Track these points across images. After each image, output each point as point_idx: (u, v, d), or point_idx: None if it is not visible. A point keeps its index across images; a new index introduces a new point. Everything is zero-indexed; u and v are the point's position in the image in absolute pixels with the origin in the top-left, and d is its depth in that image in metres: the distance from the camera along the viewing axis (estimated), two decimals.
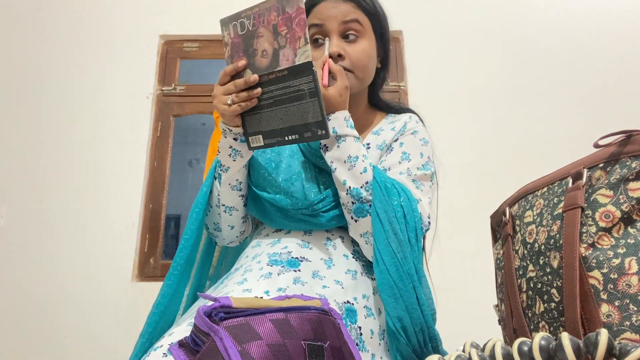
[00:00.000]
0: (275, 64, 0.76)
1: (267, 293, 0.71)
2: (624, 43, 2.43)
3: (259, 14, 0.77)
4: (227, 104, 0.77)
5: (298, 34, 0.73)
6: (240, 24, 0.79)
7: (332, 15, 0.88)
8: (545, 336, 0.41)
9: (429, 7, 2.53)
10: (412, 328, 0.74)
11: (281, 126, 0.77)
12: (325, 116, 0.74)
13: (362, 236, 0.82)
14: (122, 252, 2.18)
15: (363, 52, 0.89)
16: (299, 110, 0.75)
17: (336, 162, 0.81)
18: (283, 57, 0.75)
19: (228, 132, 0.83)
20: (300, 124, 0.76)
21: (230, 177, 0.87)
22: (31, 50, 2.50)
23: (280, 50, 0.75)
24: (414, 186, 0.85)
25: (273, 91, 0.77)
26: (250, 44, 0.78)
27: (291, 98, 0.75)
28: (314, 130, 0.75)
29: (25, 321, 2.09)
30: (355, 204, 0.80)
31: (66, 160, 2.32)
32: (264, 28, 0.76)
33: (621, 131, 0.55)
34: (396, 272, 0.75)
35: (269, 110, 0.78)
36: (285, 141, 0.78)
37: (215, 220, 0.92)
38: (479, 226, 1.16)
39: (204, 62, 2.60)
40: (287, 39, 0.74)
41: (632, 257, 0.50)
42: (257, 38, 0.77)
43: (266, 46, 0.76)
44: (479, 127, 2.33)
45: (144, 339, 0.80)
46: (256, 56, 0.78)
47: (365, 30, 0.91)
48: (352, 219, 0.82)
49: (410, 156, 0.88)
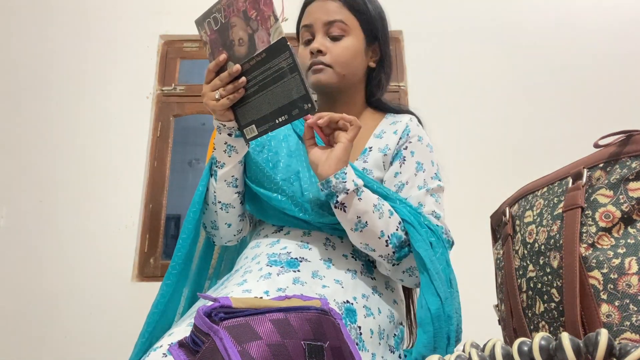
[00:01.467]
0: (253, 49, 0.76)
1: (267, 293, 0.71)
2: (624, 43, 2.43)
3: (227, 4, 0.77)
4: (216, 99, 0.78)
5: (267, 13, 0.73)
6: (214, 19, 0.79)
7: (318, 16, 0.91)
8: (545, 336, 0.41)
9: (429, 7, 2.53)
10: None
11: (270, 110, 0.77)
12: (308, 89, 0.73)
13: (404, 272, 0.83)
14: (122, 252, 2.18)
15: (345, 49, 0.90)
16: (282, 89, 0.75)
17: (365, 216, 0.77)
18: (258, 40, 0.75)
19: (222, 128, 0.83)
20: (287, 103, 0.75)
21: (226, 174, 0.87)
22: (31, 50, 2.50)
23: (255, 34, 0.75)
24: (433, 200, 0.87)
25: (256, 77, 0.77)
26: (227, 36, 0.78)
27: (274, 79, 0.75)
28: (301, 106, 0.74)
29: (25, 321, 2.09)
30: (396, 251, 0.80)
31: (66, 160, 2.32)
32: (235, 17, 0.76)
33: (621, 131, 0.55)
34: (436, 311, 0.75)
35: (257, 97, 0.78)
36: (276, 124, 0.77)
37: (212, 218, 0.92)
38: (479, 226, 1.16)
39: (204, 62, 2.56)
40: (258, 21, 0.74)
41: (632, 257, 0.50)
42: (231, 29, 0.77)
43: (241, 34, 0.76)
44: (478, 127, 2.33)
45: (143, 338, 0.80)
46: (234, 46, 0.78)
47: (350, 29, 0.91)
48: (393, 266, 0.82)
49: (423, 166, 0.89)
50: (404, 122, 0.95)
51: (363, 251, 0.83)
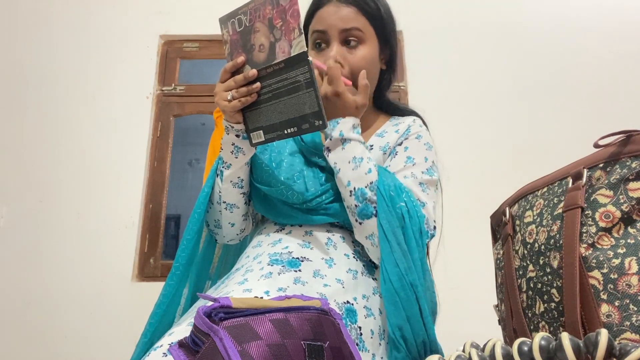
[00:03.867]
0: (272, 57, 0.76)
1: (268, 293, 0.71)
2: (624, 43, 2.43)
3: (254, 9, 0.77)
4: (228, 99, 0.78)
5: (292, 25, 0.73)
6: (238, 20, 0.79)
7: (333, 22, 0.89)
8: (545, 336, 0.41)
9: (429, 7, 2.53)
10: (413, 339, 0.74)
11: (280, 120, 0.77)
12: (321, 106, 0.73)
13: (367, 238, 0.81)
14: (122, 252, 2.18)
15: (362, 59, 0.89)
16: (296, 102, 0.75)
17: (340, 163, 0.81)
18: (279, 49, 0.75)
19: (230, 129, 0.83)
20: (298, 116, 0.75)
21: (232, 174, 0.87)
22: (31, 50, 2.50)
23: (277, 43, 0.75)
24: (420, 189, 0.85)
25: (271, 85, 0.77)
26: (248, 40, 0.78)
27: (289, 90, 0.75)
28: (312, 121, 0.75)
29: (25, 321, 2.09)
30: (359, 206, 0.80)
31: (66, 160, 2.32)
32: (260, 22, 0.77)
33: (621, 131, 0.55)
34: (398, 281, 0.75)
35: (268, 104, 0.78)
36: (284, 135, 0.78)
37: (216, 217, 0.92)
38: (479, 226, 1.16)
39: (204, 62, 2.60)
40: (282, 31, 0.74)
41: (632, 257, 0.50)
42: (254, 33, 0.77)
43: (263, 40, 0.77)
44: (478, 127, 2.33)
45: (146, 338, 0.81)
46: (254, 51, 0.78)
47: (366, 36, 0.90)
48: (356, 222, 0.82)
49: (414, 160, 0.88)
50: (406, 123, 0.95)
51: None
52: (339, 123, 0.82)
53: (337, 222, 0.88)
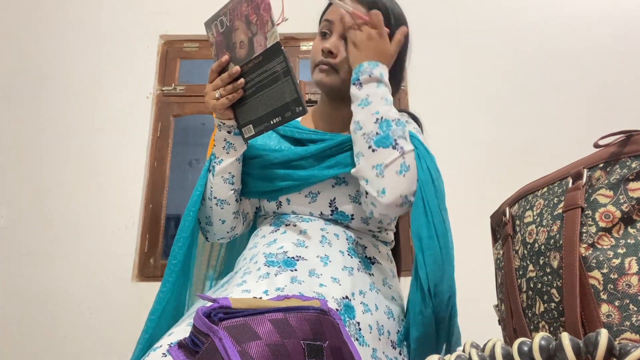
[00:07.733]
0: (252, 52, 0.79)
1: (266, 293, 0.71)
2: (624, 44, 2.43)
3: (232, 9, 0.81)
4: (216, 98, 0.83)
5: (265, 18, 0.76)
6: (220, 22, 0.83)
7: (339, 17, 0.91)
8: (545, 336, 0.41)
9: (429, 7, 2.53)
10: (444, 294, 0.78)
11: (266, 111, 0.81)
12: (300, 93, 0.76)
13: (374, 168, 0.79)
14: (122, 252, 2.18)
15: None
16: (277, 92, 0.78)
17: (372, 97, 0.83)
18: (257, 44, 0.78)
19: (222, 126, 0.87)
20: (280, 106, 0.79)
21: (223, 170, 0.89)
22: (31, 50, 2.50)
23: (254, 37, 0.78)
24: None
25: (254, 79, 0.80)
26: (230, 39, 0.82)
27: (269, 82, 0.79)
28: (293, 109, 0.78)
29: (25, 321, 2.09)
30: (380, 134, 0.80)
31: (66, 160, 2.32)
32: (238, 21, 0.80)
33: (621, 131, 0.55)
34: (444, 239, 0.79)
35: (254, 98, 0.81)
36: (271, 125, 0.81)
37: (207, 214, 0.93)
38: (479, 226, 1.16)
39: (204, 62, 2.60)
40: (257, 25, 0.78)
41: (632, 257, 0.50)
42: (234, 32, 0.81)
43: (242, 37, 0.80)
44: (478, 127, 2.33)
45: (147, 335, 0.81)
46: (236, 49, 0.82)
47: None
48: (369, 149, 0.80)
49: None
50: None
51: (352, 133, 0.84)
52: (378, 66, 0.84)
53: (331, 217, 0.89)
